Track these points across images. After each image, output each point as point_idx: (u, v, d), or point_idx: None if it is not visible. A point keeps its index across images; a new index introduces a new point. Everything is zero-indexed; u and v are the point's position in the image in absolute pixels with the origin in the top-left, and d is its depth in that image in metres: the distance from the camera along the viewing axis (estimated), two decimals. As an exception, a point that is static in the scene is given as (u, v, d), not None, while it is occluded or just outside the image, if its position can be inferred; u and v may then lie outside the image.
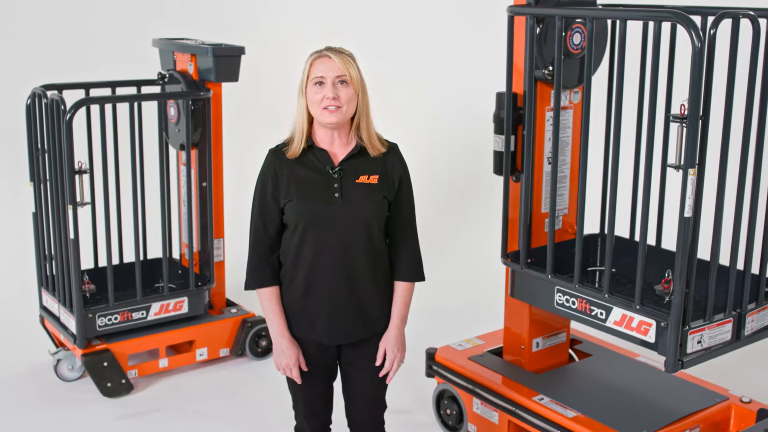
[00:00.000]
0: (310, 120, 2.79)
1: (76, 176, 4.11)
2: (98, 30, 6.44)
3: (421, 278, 2.92)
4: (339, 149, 2.80)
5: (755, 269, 3.29)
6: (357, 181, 2.77)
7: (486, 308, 5.30)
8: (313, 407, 2.95)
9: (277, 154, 2.81)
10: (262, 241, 2.82)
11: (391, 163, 2.83)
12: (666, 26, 3.16)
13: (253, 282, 2.83)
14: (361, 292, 2.79)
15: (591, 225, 3.81)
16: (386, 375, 2.89)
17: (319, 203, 2.73)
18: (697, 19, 2.98)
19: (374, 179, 2.78)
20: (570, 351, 4.05)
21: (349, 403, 2.99)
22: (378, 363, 2.86)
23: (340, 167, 2.77)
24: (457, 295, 5.60)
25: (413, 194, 2.92)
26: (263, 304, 2.84)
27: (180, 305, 4.56)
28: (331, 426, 3.06)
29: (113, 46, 6.40)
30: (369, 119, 2.79)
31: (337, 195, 2.74)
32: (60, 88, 4.41)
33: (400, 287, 2.88)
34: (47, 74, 5.33)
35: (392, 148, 2.86)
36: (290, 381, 2.91)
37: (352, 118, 2.78)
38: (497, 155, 3.66)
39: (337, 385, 3.00)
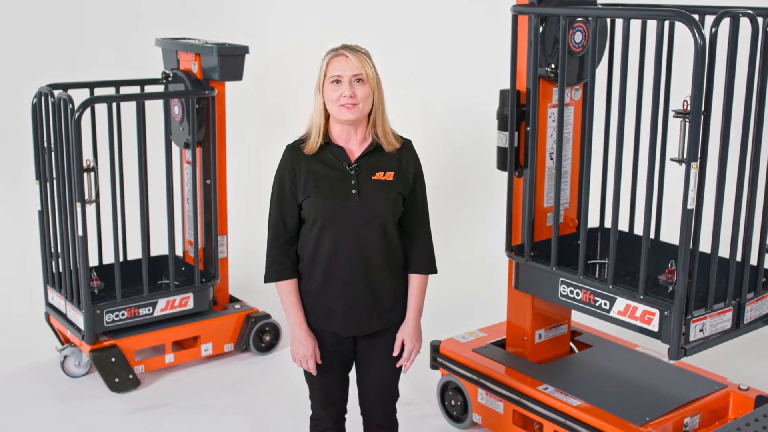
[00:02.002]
0: (327, 116, 2.86)
1: (85, 174, 4.16)
2: (92, 30, 6.49)
3: (434, 271, 3.00)
4: (355, 146, 2.87)
5: (753, 260, 3.40)
6: (373, 177, 2.85)
7: (484, 302, 5.40)
8: (329, 396, 3.03)
9: (294, 150, 2.88)
10: (281, 235, 2.89)
11: (405, 160, 2.91)
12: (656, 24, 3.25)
13: (272, 275, 2.91)
14: (376, 285, 2.88)
15: (590, 219, 3.91)
16: (402, 365, 2.98)
17: (337, 199, 2.81)
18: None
19: (390, 176, 2.86)
20: (570, 343, 4.15)
21: (364, 392, 3.07)
22: (396, 353, 2.95)
23: (356, 164, 2.84)
24: (455, 289, 5.67)
25: (426, 189, 3.00)
26: (282, 296, 2.92)
27: (185, 301, 4.62)
28: (345, 415, 3.14)
29: (106, 47, 6.46)
30: (384, 116, 2.87)
31: (354, 191, 2.82)
32: (65, 87, 4.46)
33: (414, 280, 2.97)
34: (40, 74, 5.38)
35: (406, 145, 2.94)
36: (307, 372, 2.99)
37: (368, 115, 2.85)
38: (501, 151, 3.74)
39: (352, 375, 3.08)
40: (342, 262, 2.83)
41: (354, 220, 2.81)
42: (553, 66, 3.56)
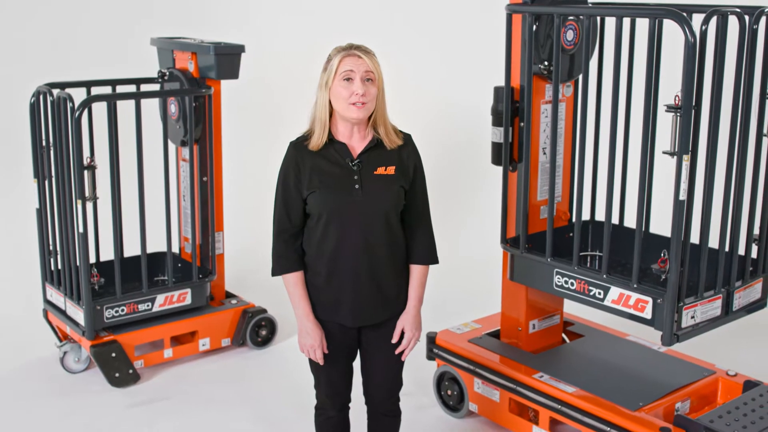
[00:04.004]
0: (330, 113, 2.94)
1: (85, 171, 4.22)
2: (85, 30, 6.53)
3: (435, 261, 3.10)
4: (357, 143, 2.96)
5: (741, 250, 3.53)
6: (375, 172, 2.93)
7: (478, 294, 5.49)
8: (335, 386, 3.11)
9: (298, 147, 2.96)
10: (286, 229, 2.97)
11: (406, 154, 3.00)
12: (644, 22, 3.35)
13: (279, 268, 2.99)
14: (381, 276, 2.96)
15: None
16: (402, 352, 3.07)
17: (341, 194, 2.89)
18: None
19: (391, 170, 2.95)
20: (562, 334, 4.25)
21: (368, 381, 3.16)
22: (395, 340, 3.04)
23: (359, 160, 2.93)
24: (449, 282, 5.76)
25: (426, 183, 3.09)
26: (289, 288, 3.00)
27: (183, 297, 4.69)
28: (349, 404, 3.22)
29: (100, 46, 6.50)
30: (386, 115, 2.96)
31: (357, 186, 2.90)
32: (62, 86, 4.50)
33: (416, 270, 3.06)
34: (35, 74, 5.42)
35: (407, 139, 3.03)
36: (313, 362, 3.07)
37: (370, 114, 2.94)
38: (495, 146, 3.84)
39: (356, 364, 3.17)
40: (347, 255, 2.92)
41: (358, 214, 2.90)
42: (546, 63, 3.66)
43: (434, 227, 3.14)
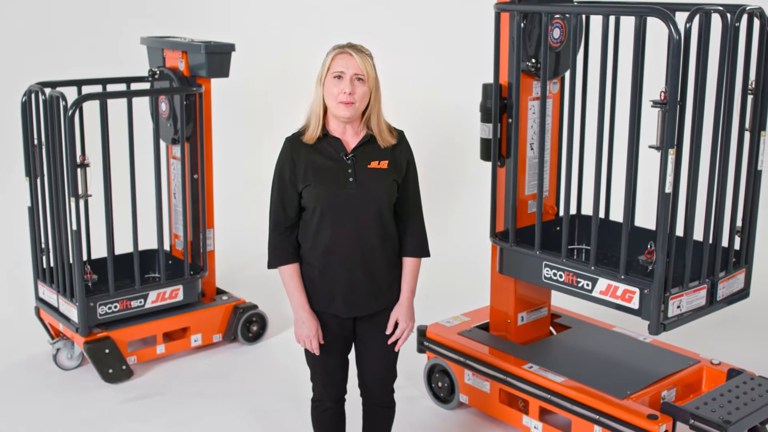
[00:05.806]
0: (326, 108, 3.01)
1: (78, 169, 4.25)
2: (71, 30, 6.55)
3: (427, 254, 3.17)
4: (350, 138, 3.03)
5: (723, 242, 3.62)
6: (368, 166, 3.00)
7: (465, 288, 5.57)
8: (331, 377, 3.17)
9: (293, 142, 3.03)
10: (282, 222, 3.04)
11: (398, 150, 3.07)
12: (629, 20, 3.44)
13: (275, 260, 3.05)
14: (374, 268, 3.03)
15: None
16: (396, 343, 3.13)
17: (335, 187, 2.96)
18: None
19: (384, 164, 3.02)
20: (549, 327, 4.33)
21: (363, 372, 3.22)
22: (389, 331, 3.11)
23: (353, 154, 3.00)
24: (436, 276, 5.83)
25: (418, 178, 3.16)
26: (285, 280, 3.06)
27: (175, 293, 4.73)
28: (345, 396, 3.28)
29: (89, 45, 6.53)
30: (380, 115, 3.03)
31: (351, 179, 2.97)
32: (53, 85, 4.53)
33: (408, 263, 3.13)
34: (24, 74, 5.44)
35: (400, 136, 3.10)
36: (309, 354, 3.13)
37: (363, 111, 3.01)
38: (484, 142, 3.92)
39: (351, 357, 3.22)
40: (341, 246, 2.98)
41: (351, 207, 2.97)
42: (533, 60, 3.74)
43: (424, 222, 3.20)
